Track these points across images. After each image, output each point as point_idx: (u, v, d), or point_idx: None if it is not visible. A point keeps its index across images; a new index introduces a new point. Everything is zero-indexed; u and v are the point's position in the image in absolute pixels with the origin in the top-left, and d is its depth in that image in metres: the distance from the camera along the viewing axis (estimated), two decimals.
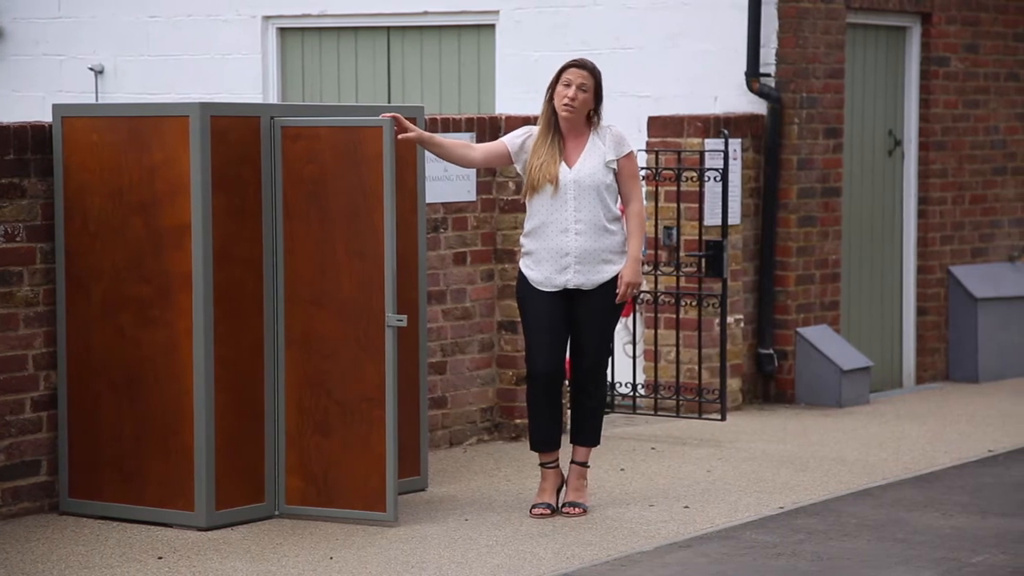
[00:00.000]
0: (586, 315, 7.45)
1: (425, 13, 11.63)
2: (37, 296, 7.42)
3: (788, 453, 9.07)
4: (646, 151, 10.11)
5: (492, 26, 11.41)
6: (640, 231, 7.43)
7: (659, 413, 9.94)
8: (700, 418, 9.82)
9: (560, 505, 7.56)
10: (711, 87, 10.67)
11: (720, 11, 10.66)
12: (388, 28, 11.83)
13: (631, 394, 10.01)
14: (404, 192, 7.80)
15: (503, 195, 9.20)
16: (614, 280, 7.43)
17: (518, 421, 9.20)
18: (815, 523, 7.38)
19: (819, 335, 10.75)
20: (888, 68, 11.50)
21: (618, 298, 7.43)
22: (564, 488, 7.62)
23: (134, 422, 7.32)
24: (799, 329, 10.71)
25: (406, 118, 7.43)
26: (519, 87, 11.17)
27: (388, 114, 7.32)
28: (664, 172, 9.98)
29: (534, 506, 7.52)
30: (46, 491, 7.47)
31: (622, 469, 8.57)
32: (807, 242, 10.77)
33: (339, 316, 7.39)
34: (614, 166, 7.42)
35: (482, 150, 7.55)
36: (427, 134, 7.50)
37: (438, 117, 9.00)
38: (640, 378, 10.22)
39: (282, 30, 12.17)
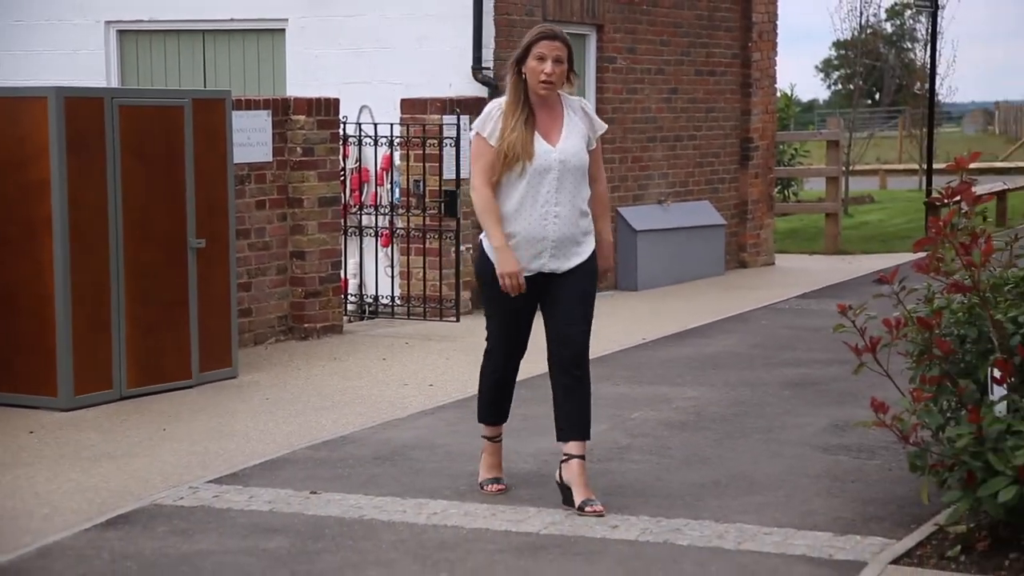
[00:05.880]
0: (563, 298, 5.17)
1: (232, 20, 11.34)
2: None
3: None
4: (399, 124, 10.06)
5: (283, 30, 11.19)
6: (608, 213, 5.30)
7: (411, 317, 9.95)
8: (441, 321, 9.87)
9: (577, 508, 5.14)
10: (447, 77, 10.64)
11: (453, 21, 10.64)
12: (203, 31, 11.50)
13: (390, 304, 10.01)
14: (216, 155, 7.63)
15: (292, 157, 9.06)
16: (586, 263, 5.20)
17: (307, 326, 9.11)
18: (527, 393, 7.45)
19: None
20: (577, 66, 11.59)
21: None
22: (571, 489, 5.17)
23: (8, 329, 7.07)
24: None
25: (216, 100, 7.25)
26: (304, 77, 10.98)
27: (515, 286, 5.11)
28: (413, 140, 9.96)
29: (486, 483, 5.40)
30: None
31: (384, 359, 8.56)
32: None
33: (160, 246, 7.34)
34: (593, 145, 5.25)
35: (488, 179, 5.24)
36: (506, 247, 5.14)
37: (243, 98, 8.80)
38: (397, 292, 10.22)
39: (121, 32, 11.74)
